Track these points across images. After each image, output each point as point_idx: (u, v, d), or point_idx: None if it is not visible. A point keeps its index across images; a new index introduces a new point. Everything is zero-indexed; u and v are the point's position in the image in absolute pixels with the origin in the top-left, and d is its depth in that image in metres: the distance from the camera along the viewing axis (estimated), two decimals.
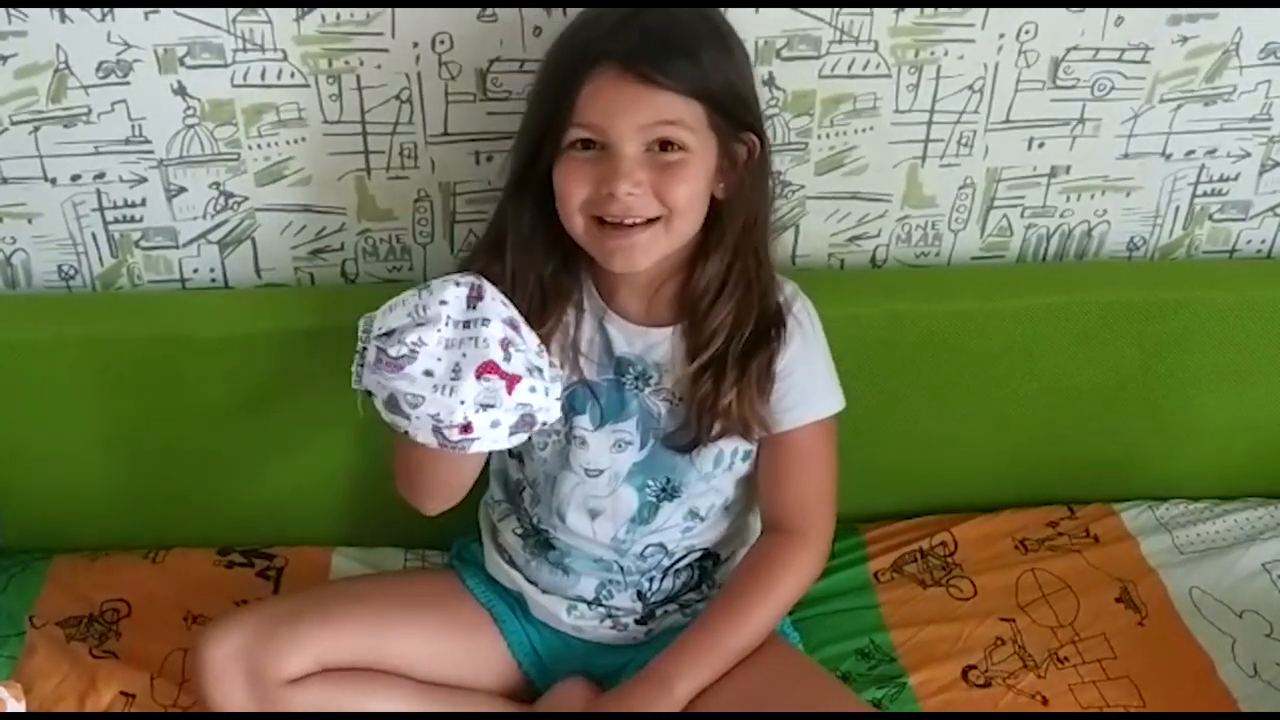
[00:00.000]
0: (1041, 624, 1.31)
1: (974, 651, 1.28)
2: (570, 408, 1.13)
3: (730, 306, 1.09)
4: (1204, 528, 1.42)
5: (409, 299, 0.91)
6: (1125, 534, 1.42)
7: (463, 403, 0.88)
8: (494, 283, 1.04)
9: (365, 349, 0.91)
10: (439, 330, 0.89)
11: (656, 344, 1.12)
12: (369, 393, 0.92)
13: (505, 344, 0.90)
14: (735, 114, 1.05)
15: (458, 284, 0.91)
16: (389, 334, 0.90)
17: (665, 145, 1.02)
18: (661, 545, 1.18)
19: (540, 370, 0.92)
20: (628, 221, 1.03)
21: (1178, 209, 1.40)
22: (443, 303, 0.89)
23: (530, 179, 1.06)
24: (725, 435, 1.12)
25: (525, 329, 0.93)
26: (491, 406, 0.88)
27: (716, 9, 1.10)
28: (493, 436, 0.90)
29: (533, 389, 0.91)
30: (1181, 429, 1.43)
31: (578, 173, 1.03)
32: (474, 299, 0.90)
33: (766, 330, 1.11)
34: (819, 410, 1.14)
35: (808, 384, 1.13)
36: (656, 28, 1.02)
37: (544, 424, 0.93)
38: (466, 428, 0.88)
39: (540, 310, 1.09)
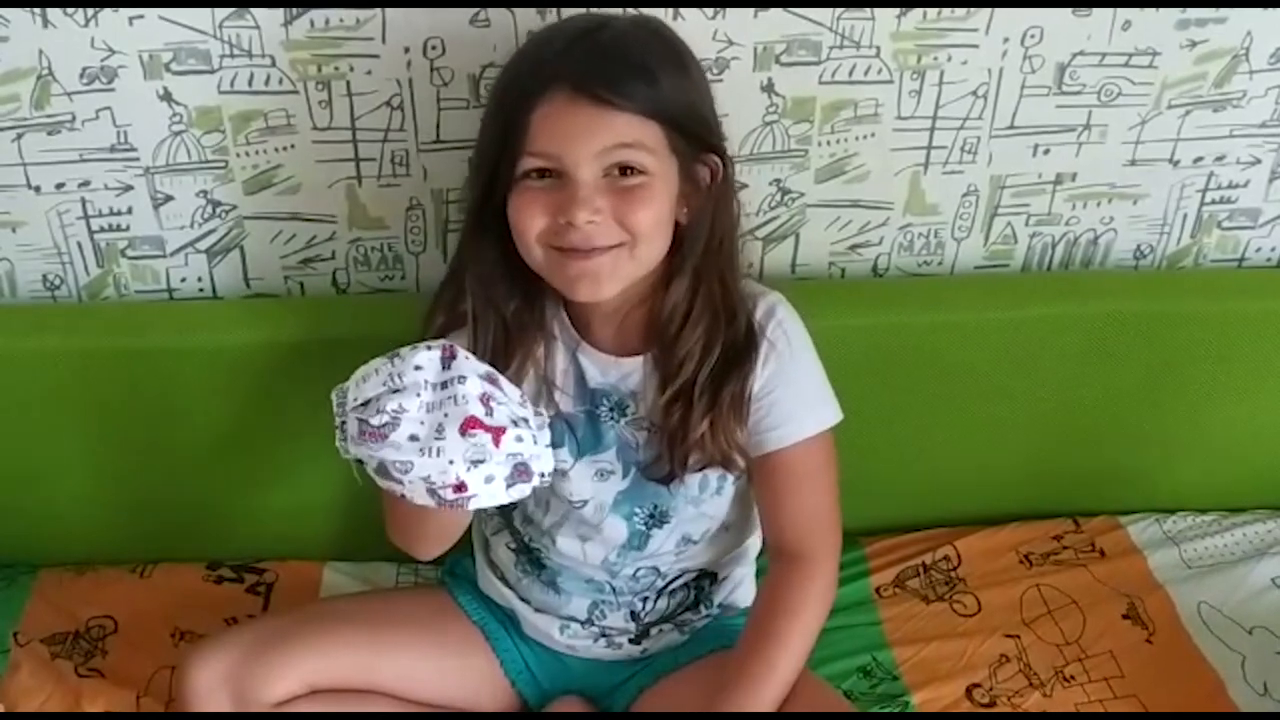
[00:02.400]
0: (1047, 641, 1.29)
1: (978, 669, 1.26)
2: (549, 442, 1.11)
3: (698, 333, 1.05)
4: (1212, 541, 1.40)
5: (382, 368, 0.88)
6: (1132, 548, 1.39)
7: (451, 462, 0.85)
8: (458, 322, 1.05)
9: (344, 422, 0.89)
10: (418, 395, 0.86)
11: (629, 373, 1.09)
12: (360, 460, 0.90)
13: (485, 399, 0.87)
14: (695, 134, 1.02)
15: (429, 348, 0.88)
16: (367, 403, 0.88)
17: (624, 170, 0.98)
18: (655, 568, 1.16)
19: (525, 420, 0.89)
20: (588, 248, 0.99)
21: (1186, 217, 1.37)
22: (417, 368, 0.87)
23: (488, 212, 1.03)
24: (706, 467, 1.08)
25: (504, 382, 0.91)
26: (482, 462, 0.86)
27: (668, 27, 1.07)
28: (490, 492, 0.88)
29: (519, 438, 0.88)
30: (1189, 440, 1.40)
31: (533, 203, 0.99)
32: (447, 359, 0.88)
33: (738, 356, 1.06)
34: (807, 427, 1.09)
35: (791, 402, 1.08)
36: (609, 47, 0.98)
37: (542, 475, 0.90)
38: (460, 487, 0.86)
39: (504, 348, 1.07)
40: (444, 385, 0.87)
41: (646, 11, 1.13)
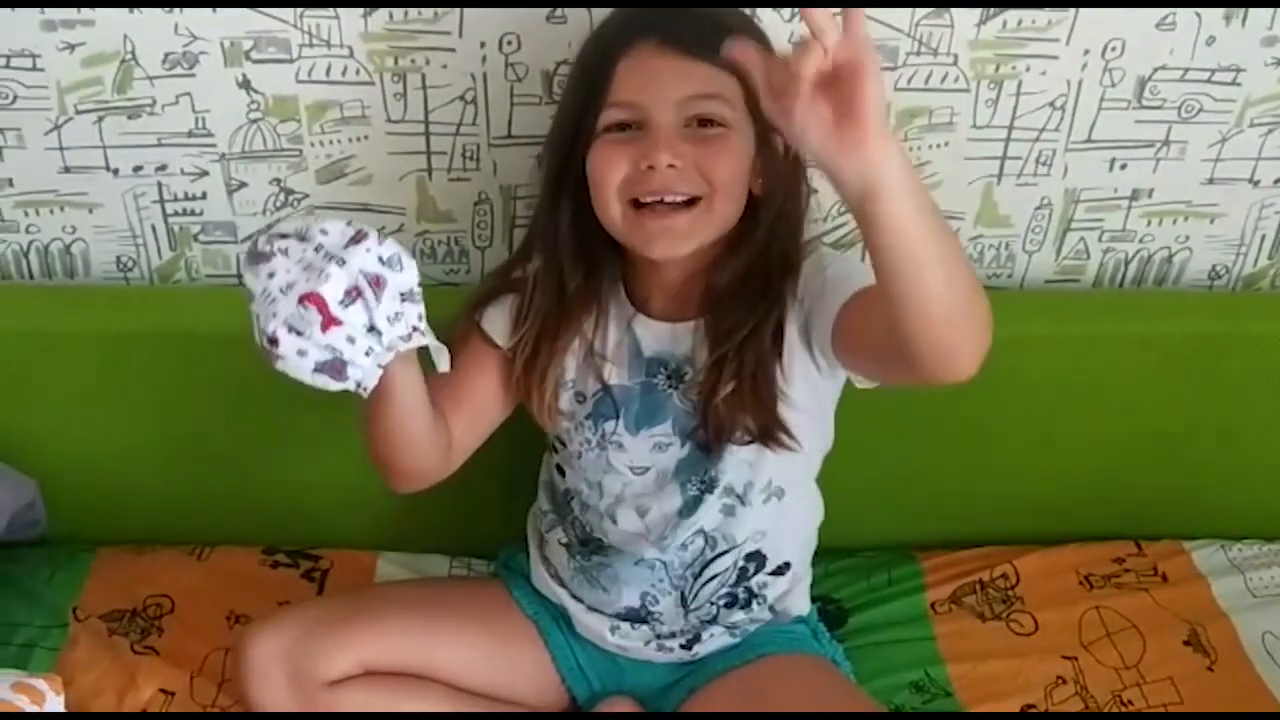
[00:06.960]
0: (1105, 664, 1.27)
1: (1034, 690, 1.24)
2: (599, 414, 1.11)
3: (750, 302, 1.05)
4: (1279, 570, 1.36)
5: (310, 220, 0.91)
6: (1195, 574, 1.36)
7: (275, 315, 0.89)
8: (508, 288, 1.07)
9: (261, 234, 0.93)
10: (304, 251, 0.89)
11: (683, 337, 1.09)
12: None
13: (353, 291, 0.89)
14: None
15: (349, 223, 0.91)
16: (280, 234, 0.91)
17: (704, 122, 1.00)
18: (701, 530, 1.13)
19: (378, 332, 0.90)
20: (668, 199, 1.00)
21: (1263, 238, 1.34)
22: (324, 231, 0.90)
23: (566, 180, 1.05)
24: (738, 440, 1.07)
25: (390, 295, 0.90)
26: (300, 334, 0.89)
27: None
28: (296, 363, 0.90)
29: (350, 339, 0.89)
30: (1258, 466, 1.38)
31: (614, 154, 1.01)
32: (353, 242, 0.89)
33: (779, 330, 1.05)
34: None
35: (845, 265, 1.04)
36: (692, 6, 1.03)
37: (358, 385, 0.92)
38: (274, 340, 0.89)
39: (556, 319, 1.08)
40: (329, 257, 0.88)
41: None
